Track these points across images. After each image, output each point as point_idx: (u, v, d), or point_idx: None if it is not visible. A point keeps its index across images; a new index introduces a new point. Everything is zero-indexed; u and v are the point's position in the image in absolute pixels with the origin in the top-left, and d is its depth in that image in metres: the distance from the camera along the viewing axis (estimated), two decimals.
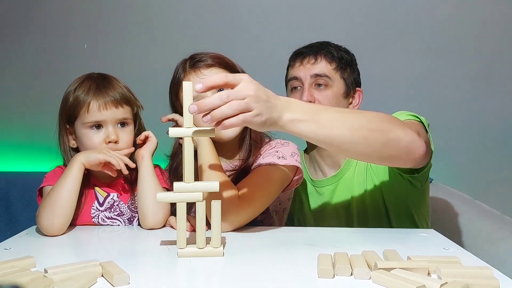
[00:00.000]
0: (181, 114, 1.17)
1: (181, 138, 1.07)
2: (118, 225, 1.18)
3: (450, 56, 2.01)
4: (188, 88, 0.89)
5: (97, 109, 1.12)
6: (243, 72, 1.22)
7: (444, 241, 1.03)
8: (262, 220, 1.18)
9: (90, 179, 1.19)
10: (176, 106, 1.22)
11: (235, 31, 2.03)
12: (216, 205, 0.89)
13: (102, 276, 0.76)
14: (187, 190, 0.89)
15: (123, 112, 1.16)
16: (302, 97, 1.30)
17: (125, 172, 1.11)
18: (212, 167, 1.09)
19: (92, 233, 1.10)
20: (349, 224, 1.36)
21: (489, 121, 2.04)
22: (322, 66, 1.34)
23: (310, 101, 1.29)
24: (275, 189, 1.14)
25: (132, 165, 1.13)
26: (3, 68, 2.11)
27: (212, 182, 0.92)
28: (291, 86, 1.38)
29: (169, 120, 1.20)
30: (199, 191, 0.89)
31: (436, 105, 1.98)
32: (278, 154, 1.14)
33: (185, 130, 0.89)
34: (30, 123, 2.08)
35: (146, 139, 1.18)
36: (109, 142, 1.13)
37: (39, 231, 1.08)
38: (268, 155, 1.15)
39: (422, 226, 1.31)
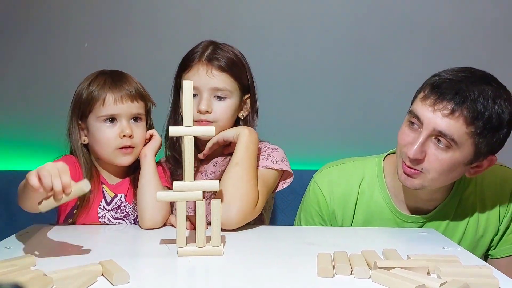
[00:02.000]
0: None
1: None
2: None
3: (451, 57, 2.00)
4: (187, 87, 0.89)
5: (113, 102, 1.12)
6: (252, 83, 1.23)
7: (444, 240, 1.04)
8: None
9: (99, 176, 1.19)
10: (177, 83, 1.22)
11: (237, 30, 2.03)
12: (216, 204, 0.89)
13: (102, 274, 0.76)
14: (187, 189, 0.89)
15: (138, 107, 1.16)
16: (411, 150, 1.03)
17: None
18: (239, 166, 1.09)
19: (92, 232, 1.10)
20: None
21: None
22: (456, 126, 0.99)
23: (418, 159, 1.03)
24: (269, 190, 1.17)
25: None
26: (3, 68, 2.10)
27: (212, 182, 0.92)
28: (410, 119, 1.07)
29: None
30: (199, 190, 0.90)
31: None
32: (271, 159, 1.17)
33: (185, 129, 0.89)
34: (30, 122, 2.07)
35: (150, 137, 1.18)
36: (124, 136, 1.13)
37: (39, 229, 1.08)
38: (263, 159, 1.17)
39: None
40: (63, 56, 2.08)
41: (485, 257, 1.25)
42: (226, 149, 1.22)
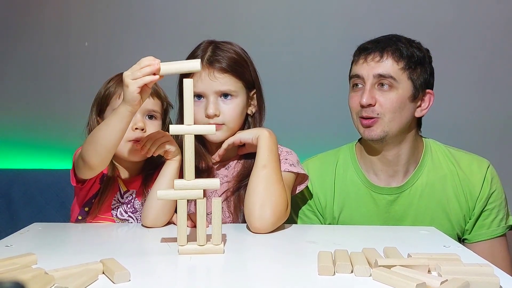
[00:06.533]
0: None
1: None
2: (131, 222, 1.19)
3: (450, 56, 2.01)
4: (188, 86, 0.89)
5: None
6: (256, 77, 1.21)
7: (444, 238, 1.03)
8: None
9: (115, 170, 1.20)
10: (181, 89, 1.18)
11: (236, 29, 2.03)
12: (216, 202, 0.89)
13: (103, 273, 0.77)
14: (188, 187, 0.90)
15: (153, 103, 1.16)
16: (362, 98, 1.19)
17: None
18: (267, 168, 1.08)
19: (93, 230, 1.11)
20: None
21: (489, 120, 2.03)
22: (388, 65, 1.20)
23: (370, 104, 1.19)
24: (289, 194, 1.16)
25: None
26: (3, 67, 2.11)
27: (213, 180, 0.92)
28: (352, 83, 1.26)
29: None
30: (200, 189, 0.90)
31: (436, 104, 1.98)
32: (288, 162, 1.16)
33: (185, 127, 0.89)
34: (31, 121, 2.08)
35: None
36: (136, 129, 1.13)
37: (40, 228, 1.09)
38: (280, 162, 1.15)
39: None
40: (64, 56, 2.08)
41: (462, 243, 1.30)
42: (240, 150, 1.21)
